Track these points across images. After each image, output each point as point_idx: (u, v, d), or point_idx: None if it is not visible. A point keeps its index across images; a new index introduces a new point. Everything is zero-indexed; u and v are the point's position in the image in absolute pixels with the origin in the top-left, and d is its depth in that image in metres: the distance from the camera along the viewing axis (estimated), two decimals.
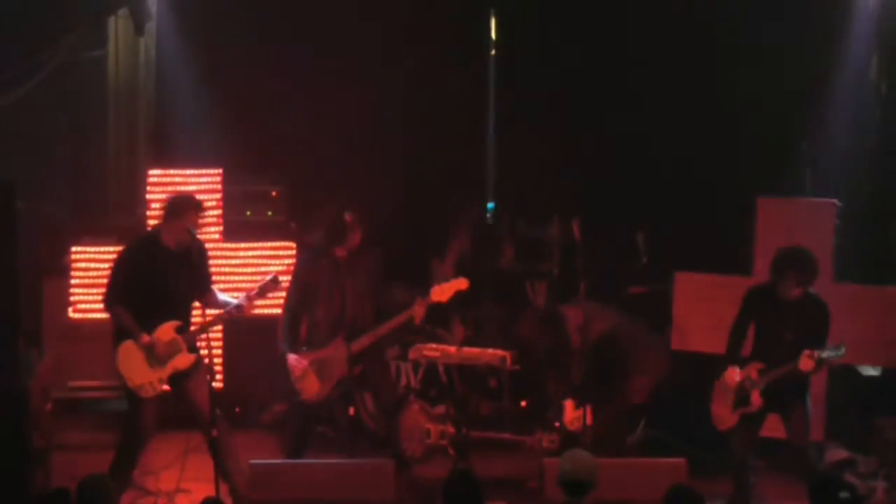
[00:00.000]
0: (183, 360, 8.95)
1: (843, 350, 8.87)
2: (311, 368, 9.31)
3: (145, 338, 8.87)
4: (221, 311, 9.07)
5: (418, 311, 9.28)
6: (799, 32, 11.11)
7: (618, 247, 10.86)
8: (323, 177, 11.43)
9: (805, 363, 8.77)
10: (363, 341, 9.31)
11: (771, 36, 11.10)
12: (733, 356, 9.14)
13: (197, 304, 9.07)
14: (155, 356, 8.88)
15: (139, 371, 8.92)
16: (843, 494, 6.77)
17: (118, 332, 8.98)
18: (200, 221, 9.07)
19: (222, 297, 9.20)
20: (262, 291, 9.15)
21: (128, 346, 8.92)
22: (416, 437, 9.78)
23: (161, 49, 11.58)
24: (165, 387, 9.03)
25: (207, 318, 8.99)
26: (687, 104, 11.17)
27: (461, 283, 9.35)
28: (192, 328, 8.99)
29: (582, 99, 11.47)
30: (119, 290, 9.00)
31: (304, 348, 9.35)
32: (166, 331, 8.91)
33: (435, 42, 11.63)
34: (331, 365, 9.34)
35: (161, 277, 8.90)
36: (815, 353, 8.75)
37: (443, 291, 9.34)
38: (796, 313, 8.92)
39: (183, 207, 9.02)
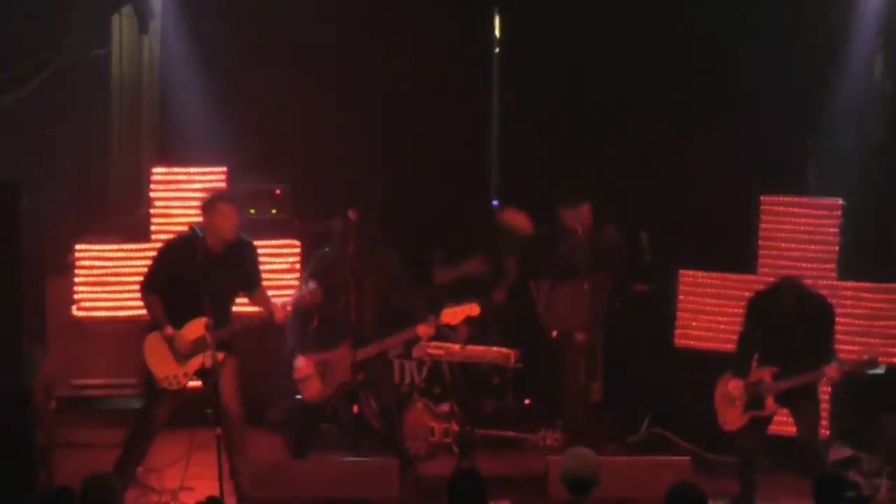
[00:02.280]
0: (210, 358, 8.94)
1: (880, 367, 8.92)
2: (316, 370, 9.34)
3: (169, 330, 8.91)
4: (262, 311, 9.06)
5: (427, 330, 9.37)
6: (803, 30, 11.10)
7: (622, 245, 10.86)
8: (326, 175, 11.43)
9: (834, 373, 8.79)
10: (370, 351, 9.33)
11: (775, 34, 11.09)
12: (740, 366, 9.11)
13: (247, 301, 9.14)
14: (178, 351, 8.90)
15: (165, 363, 8.95)
16: (850, 494, 6.76)
17: (151, 321, 9.01)
18: (230, 212, 8.97)
19: (270, 298, 9.17)
20: (298, 302, 9.16)
21: (155, 336, 8.95)
22: (420, 435, 9.78)
23: (165, 47, 11.58)
24: (190, 382, 9.04)
25: (240, 325, 9.04)
26: (691, 102, 11.16)
27: (473, 310, 9.39)
28: (225, 328, 8.96)
29: (585, 97, 11.46)
30: (154, 280, 9.06)
31: (312, 349, 9.39)
32: (195, 328, 8.90)
33: (439, 40, 11.62)
34: (335, 368, 9.37)
35: (198, 277, 8.83)
36: (846, 366, 8.78)
37: (454, 315, 9.39)
38: (801, 315, 8.92)
39: (208, 204, 9.06)
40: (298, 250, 10.80)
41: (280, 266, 10.65)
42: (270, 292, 9.94)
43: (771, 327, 9.07)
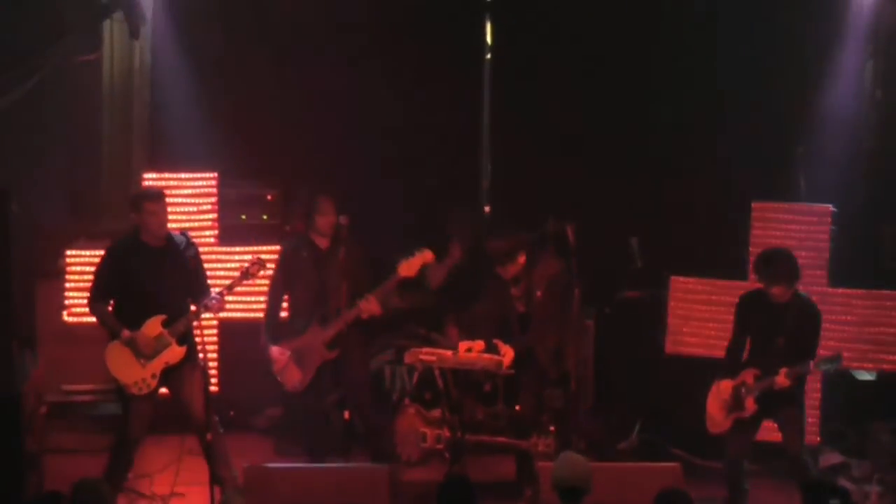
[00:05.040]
0: (173, 354, 8.99)
1: (839, 362, 8.88)
2: (291, 359, 9.50)
3: (125, 333, 8.94)
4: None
5: (389, 288, 9.53)
6: (794, 38, 11.12)
7: (612, 251, 10.86)
8: (318, 181, 11.41)
9: (781, 381, 8.80)
10: (337, 324, 9.48)
11: (766, 41, 11.10)
12: (730, 368, 9.12)
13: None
14: (141, 352, 8.92)
15: (129, 369, 8.97)
16: (833, 502, 6.76)
17: (107, 331, 9.03)
18: (156, 210, 9.04)
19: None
20: (246, 274, 9.23)
21: (115, 345, 8.97)
22: (411, 441, 9.78)
23: (156, 53, 11.55)
24: (160, 388, 9.05)
25: (193, 309, 9.03)
26: (682, 108, 11.17)
27: (426, 256, 9.57)
28: (182, 321, 9.00)
29: (577, 103, 11.45)
30: (99, 289, 9.13)
31: (283, 339, 9.56)
32: (152, 326, 8.97)
33: (431, 47, 11.61)
34: (309, 352, 9.54)
35: (142, 274, 9.00)
36: (793, 371, 8.76)
37: (410, 266, 9.53)
38: (787, 318, 8.94)
39: (136, 201, 9.15)
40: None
41: (270, 272, 10.61)
42: (262, 298, 10.00)
43: (758, 327, 9.09)
